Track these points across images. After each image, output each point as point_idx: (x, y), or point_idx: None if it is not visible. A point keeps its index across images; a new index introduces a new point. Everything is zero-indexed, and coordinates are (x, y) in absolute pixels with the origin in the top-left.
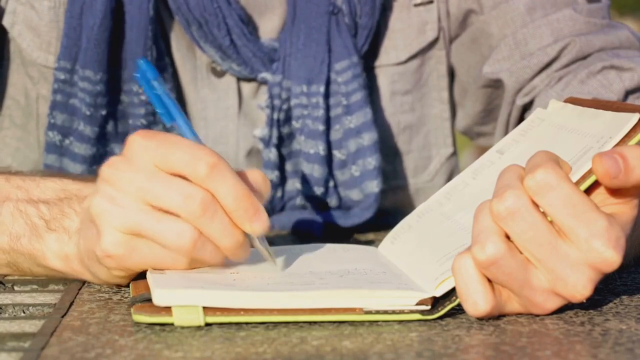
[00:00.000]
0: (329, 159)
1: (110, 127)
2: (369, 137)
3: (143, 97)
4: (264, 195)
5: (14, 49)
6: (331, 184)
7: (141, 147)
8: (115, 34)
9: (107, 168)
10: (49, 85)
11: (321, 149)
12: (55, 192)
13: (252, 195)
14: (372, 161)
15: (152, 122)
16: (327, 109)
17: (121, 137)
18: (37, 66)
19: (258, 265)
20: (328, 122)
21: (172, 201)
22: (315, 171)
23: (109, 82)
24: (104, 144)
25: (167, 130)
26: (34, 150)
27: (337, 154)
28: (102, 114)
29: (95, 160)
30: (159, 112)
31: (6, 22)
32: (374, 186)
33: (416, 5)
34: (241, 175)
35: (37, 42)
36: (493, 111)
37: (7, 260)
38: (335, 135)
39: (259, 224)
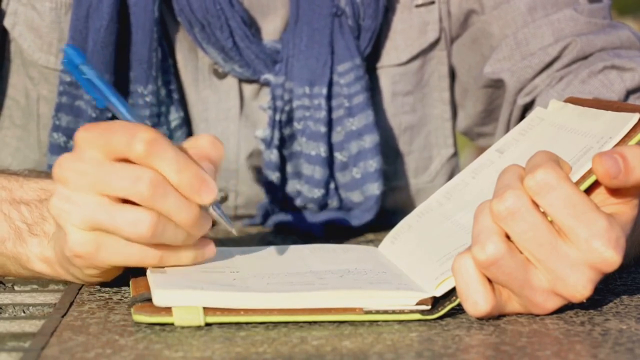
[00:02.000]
0: (330, 161)
1: None
2: (370, 140)
3: (147, 99)
4: (217, 159)
5: (15, 49)
6: (332, 185)
7: (84, 140)
8: (121, 36)
9: (57, 167)
10: (49, 86)
11: (322, 150)
12: (35, 193)
13: (194, 165)
14: (373, 163)
15: (157, 123)
16: (329, 110)
17: None
18: (37, 67)
19: (258, 265)
20: (330, 123)
21: (121, 186)
22: (316, 173)
23: (114, 85)
24: None
25: (170, 131)
26: (34, 151)
27: (339, 156)
28: (107, 116)
29: None
30: (92, 96)
31: (7, 23)
32: (375, 188)
33: (417, 6)
34: (189, 144)
35: (38, 43)
36: (494, 111)
37: None
38: (336, 137)
39: (207, 193)
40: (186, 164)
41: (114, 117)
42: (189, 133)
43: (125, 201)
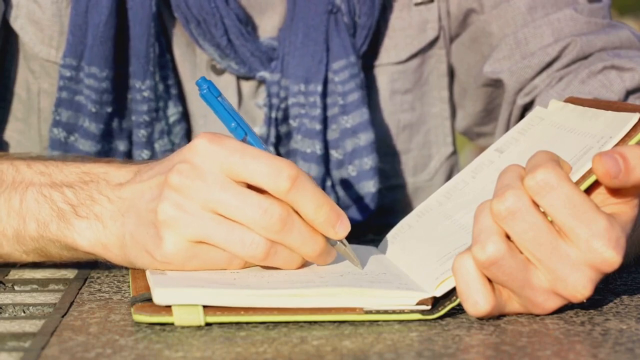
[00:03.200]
0: (325, 159)
1: (115, 124)
2: (365, 137)
3: (145, 94)
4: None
5: (16, 42)
6: (328, 183)
7: (210, 153)
8: (119, 31)
9: (176, 174)
10: (50, 79)
11: (318, 148)
12: (78, 175)
13: (331, 200)
14: (368, 161)
15: (155, 118)
16: (324, 108)
17: (125, 134)
18: (39, 60)
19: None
20: (325, 121)
21: (248, 216)
22: (312, 170)
23: (113, 79)
24: (109, 141)
25: (169, 126)
26: (35, 144)
27: (334, 154)
28: (107, 111)
29: (100, 157)
30: (231, 126)
31: (9, 15)
32: (370, 186)
33: (417, 4)
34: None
35: (40, 36)
36: (493, 111)
37: (35, 247)
38: (332, 134)
39: (342, 228)
40: (324, 199)
41: (113, 112)
42: (188, 128)
43: None
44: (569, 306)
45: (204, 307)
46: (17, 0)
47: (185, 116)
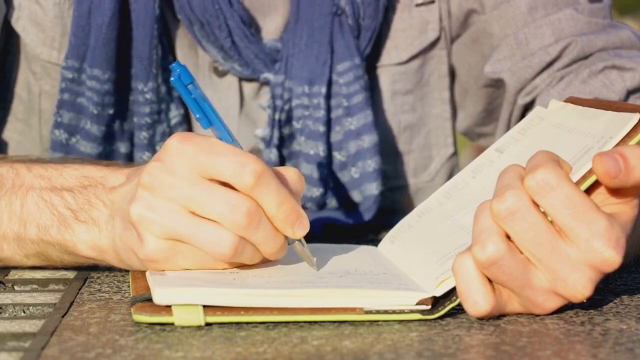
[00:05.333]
0: (329, 160)
1: (116, 125)
2: (369, 139)
3: (148, 96)
4: (300, 192)
5: (18, 43)
6: (331, 185)
7: (179, 151)
8: (122, 33)
9: (146, 175)
10: (52, 80)
11: (321, 150)
12: (77, 180)
13: (293, 199)
14: (371, 163)
15: (157, 120)
16: (328, 110)
17: (127, 136)
18: (40, 61)
19: (258, 265)
20: (329, 123)
21: (216, 211)
22: (315, 172)
23: (116, 81)
24: (110, 143)
25: (171, 128)
26: (36, 145)
27: (337, 156)
28: (109, 112)
29: (101, 159)
30: (196, 116)
31: (11, 17)
32: (373, 188)
33: (417, 5)
34: (278, 175)
35: (42, 38)
36: (494, 111)
37: (36, 251)
38: (335, 136)
39: (300, 228)
40: (286, 198)
41: (115, 114)
42: (189, 130)
43: None
44: (569, 306)
45: (204, 307)
46: (19, 2)
47: (186, 118)
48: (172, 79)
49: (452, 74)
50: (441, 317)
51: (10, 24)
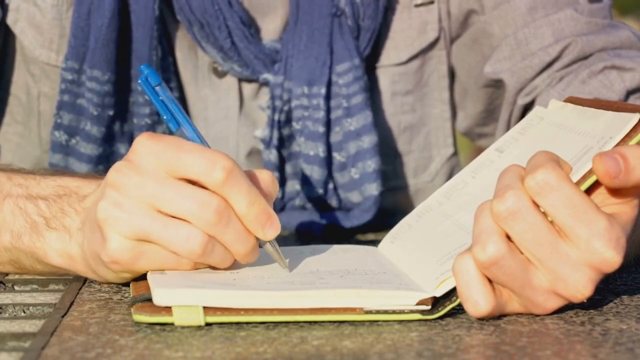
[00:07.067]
0: (328, 161)
1: (116, 127)
2: (368, 140)
3: (147, 97)
4: (273, 195)
5: (16, 46)
6: (331, 185)
7: (148, 150)
8: (121, 34)
9: (114, 173)
10: (50, 82)
11: (321, 150)
12: (53, 189)
13: (263, 200)
14: (371, 164)
15: (157, 121)
16: (328, 110)
17: (127, 137)
18: (39, 63)
19: (258, 265)
20: (328, 124)
21: (185, 208)
22: (314, 173)
23: (115, 82)
24: (110, 144)
25: (170, 130)
26: (35, 147)
27: (337, 156)
28: (109, 114)
29: (101, 160)
30: (164, 118)
31: (9, 19)
32: (373, 189)
33: (417, 5)
34: (251, 176)
35: (40, 40)
36: (494, 111)
37: (10, 258)
38: (335, 137)
39: (271, 229)
40: (257, 198)
41: (115, 115)
42: None
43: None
44: (569, 306)
45: (204, 307)
46: (17, 4)
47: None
48: (139, 81)
49: (452, 75)
50: (441, 317)
51: (7, 26)
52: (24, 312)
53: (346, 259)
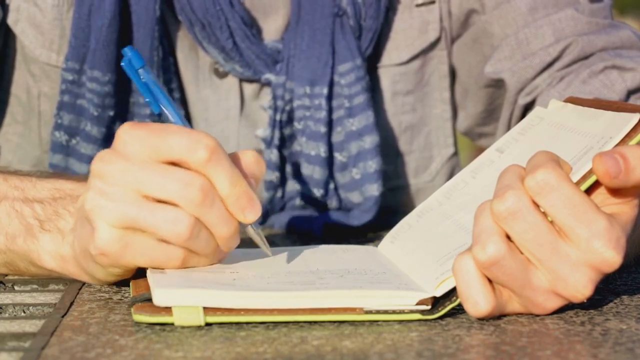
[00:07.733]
0: (329, 161)
1: (117, 127)
2: (370, 140)
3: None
4: (258, 176)
5: (17, 46)
6: (331, 185)
7: (130, 136)
8: (122, 34)
9: (98, 162)
10: (51, 82)
11: (322, 150)
12: (49, 192)
13: (245, 182)
14: (373, 164)
15: (157, 122)
16: (330, 111)
17: None
18: (39, 64)
19: (258, 265)
20: (330, 124)
21: (170, 190)
22: (315, 173)
23: (116, 83)
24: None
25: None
26: (35, 147)
27: (338, 157)
28: (109, 114)
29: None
30: (146, 100)
31: (10, 19)
32: (374, 189)
33: (418, 5)
34: (234, 158)
35: (40, 40)
36: (494, 111)
37: (4, 260)
38: (336, 137)
39: (251, 212)
40: (239, 179)
41: (115, 116)
42: None
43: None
44: (569, 306)
45: (204, 307)
46: (18, 4)
47: (187, 119)
48: (122, 63)
49: (453, 74)
50: (441, 317)
51: (8, 26)
52: (24, 312)
53: (346, 258)
